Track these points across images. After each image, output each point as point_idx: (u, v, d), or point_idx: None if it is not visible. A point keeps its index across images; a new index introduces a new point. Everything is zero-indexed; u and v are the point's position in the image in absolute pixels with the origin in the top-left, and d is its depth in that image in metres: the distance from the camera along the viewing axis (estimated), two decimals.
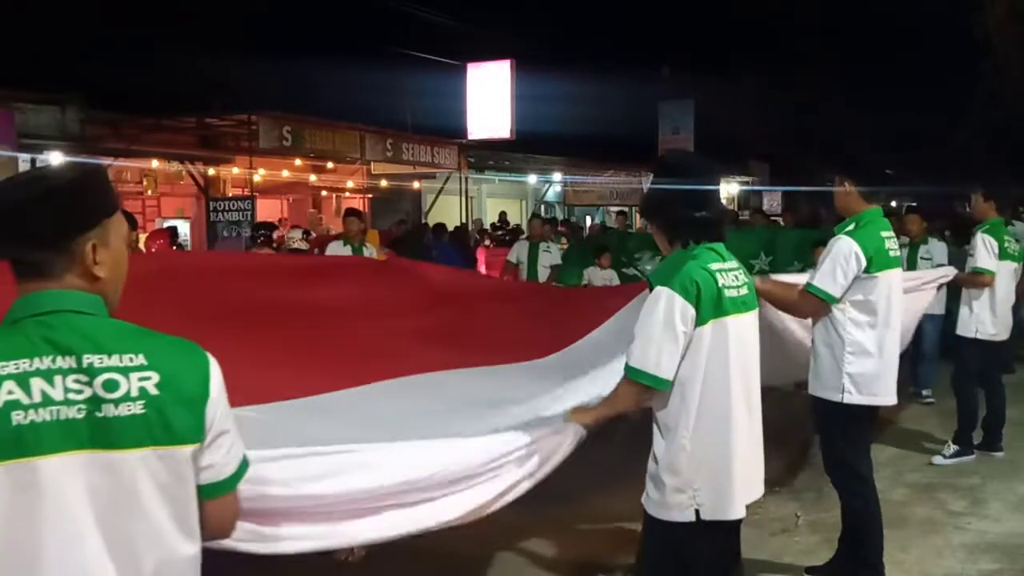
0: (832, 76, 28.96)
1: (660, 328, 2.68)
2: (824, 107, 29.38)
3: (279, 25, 20.54)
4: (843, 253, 3.82)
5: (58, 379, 1.52)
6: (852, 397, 3.90)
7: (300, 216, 18.61)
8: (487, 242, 16.15)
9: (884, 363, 3.93)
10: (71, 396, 1.52)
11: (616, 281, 9.84)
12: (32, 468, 1.48)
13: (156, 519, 1.58)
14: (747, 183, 28.70)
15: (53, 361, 1.52)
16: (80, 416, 1.52)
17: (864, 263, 3.82)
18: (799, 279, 4.11)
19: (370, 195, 20.63)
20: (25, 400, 1.49)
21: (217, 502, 1.71)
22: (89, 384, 1.53)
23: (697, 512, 2.75)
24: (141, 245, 10.72)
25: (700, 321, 2.70)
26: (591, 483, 5.54)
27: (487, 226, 19.95)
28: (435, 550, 4.58)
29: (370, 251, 8.82)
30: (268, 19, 20.19)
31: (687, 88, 26.38)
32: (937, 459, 6.20)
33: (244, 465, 1.77)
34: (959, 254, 8.49)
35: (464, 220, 19.09)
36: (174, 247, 10.61)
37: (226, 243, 12.54)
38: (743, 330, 2.84)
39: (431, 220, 17.56)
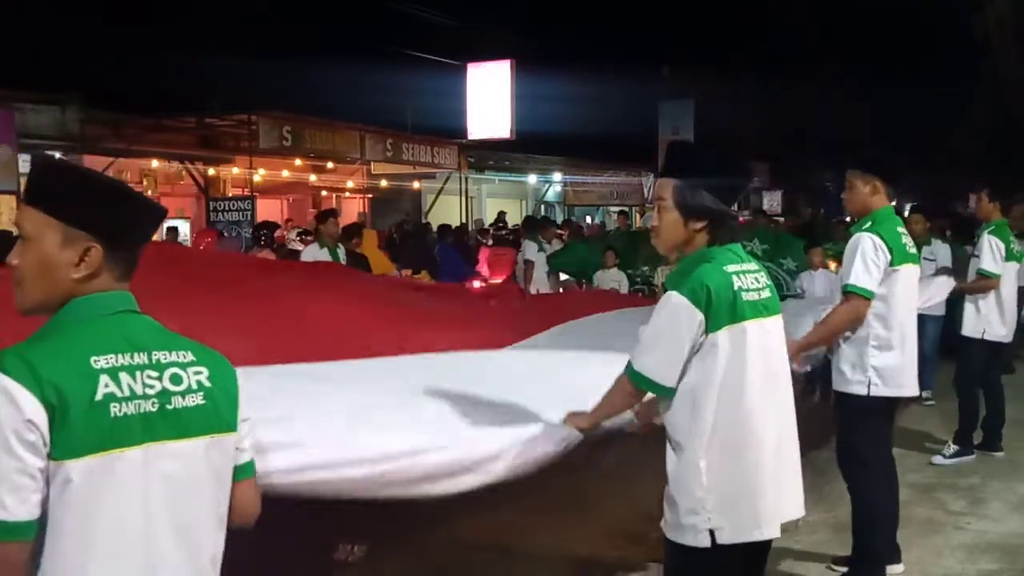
0: (832, 76, 28.96)
1: (664, 333, 2.56)
2: (824, 107, 29.38)
3: (279, 25, 20.54)
4: (870, 248, 3.90)
5: (138, 374, 1.63)
6: (879, 390, 3.98)
7: (300, 216, 18.61)
8: (488, 241, 16.11)
9: (906, 355, 4.04)
10: (147, 391, 1.63)
11: (625, 283, 9.80)
12: (121, 459, 1.58)
13: (211, 504, 1.72)
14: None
15: (131, 357, 1.63)
16: (154, 409, 1.63)
17: (889, 257, 3.91)
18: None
19: (370, 195, 20.64)
20: (118, 393, 1.59)
21: (245, 483, 1.84)
22: (159, 379, 1.66)
23: (713, 535, 2.54)
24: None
25: (713, 327, 2.52)
26: (594, 483, 5.55)
27: (487, 226, 19.93)
28: (435, 549, 4.59)
29: (342, 252, 8.71)
30: (268, 19, 20.18)
31: (687, 88, 26.39)
32: (937, 459, 6.20)
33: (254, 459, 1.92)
34: (962, 255, 8.51)
35: (464, 220, 19.09)
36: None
37: (225, 243, 12.54)
38: (766, 336, 2.64)
39: (431, 220, 17.57)
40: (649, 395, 2.72)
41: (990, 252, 6.04)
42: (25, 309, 1.68)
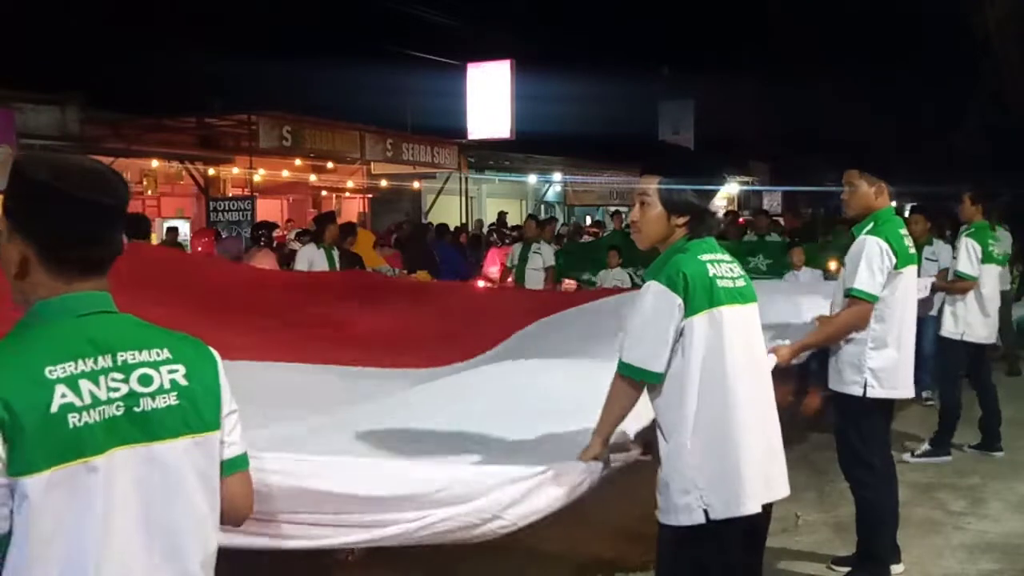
0: (832, 76, 28.95)
1: (648, 321, 2.66)
2: (824, 107, 29.36)
3: (279, 25, 20.55)
4: (875, 252, 3.90)
5: (102, 379, 1.55)
6: (874, 391, 3.98)
7: (300, 216, 18.61)
8: (503, 241, 15.98)
9: (902, 356, 4.04)
10: (112, 395, 1.55)
11: (628, 282, 9.82)
12: (88, 468, 1.51)
13: (198, 508, 1.65)
14: (747, 183, 28.70)
15: (95, 362, 1.55)
16: (120, 413, 1.56)
17: (894, 260, 3.91)
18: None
19: (370, 195, 20.63)
20: (78, 402, 1.51)
21: (235, 478, 1.76)
22: (126, 381, 1.58)
23: (706, 512, 2.66)
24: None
25: (691, 311, 2.64)
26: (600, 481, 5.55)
27: (488, 226, 19.87)
28: (434, 549, 4.59)
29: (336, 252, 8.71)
30: (268, 19, 20.19)
31: (687, 88, 26.40)
32: (906, 456, 6.19)
33: (246, 452, 1.83)
34: None
35: (464, 220, 19.08)
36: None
37: (226, 243, 12.53)
38: (744, 321, 2.77)
39: (432, 220, 17.54)
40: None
41: (967, 254, 6.12)
42: (14, 302, 1.65)
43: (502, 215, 20.64)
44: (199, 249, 9.17)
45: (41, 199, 1.58)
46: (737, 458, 2.68)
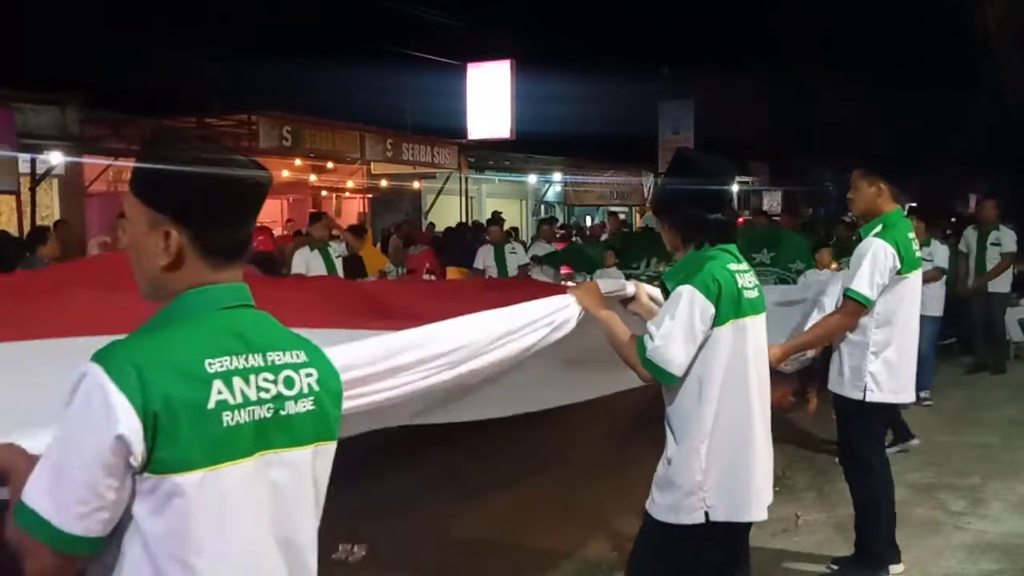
0: (832, 76, 28.96)
1: (681, 325, 2.67)
2: (823, 107, 29.37)
3: (279, 25, 20.55)
4: (880, 256, 3.89)
5: (252, 378, 1.48)
6: (874, 395, 3.99)
7: (300, 216, 18.60)
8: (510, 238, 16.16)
9: (903, 361, 4.04)
10: (262, 395, 1.48)
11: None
12: (235, 471, 1.44)
13: (311, 518, 1.58)
14: (747, 183, 28.68)
15: (246, 360, 1.48)
16: (269, 415, 1.49)
17: (899, 265, 3.91)
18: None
19: (370, 195, 20.64)
20: (231, 400, 1.44)
21: None
22: (274, 382, 1.51)
23: (706, 514, 2.72)
24: None
25: (719, 321, 2.69)
26: (593, 483, 5.55)
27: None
28: (434, 548, 4.60)
29: (337, 250, 8.59)
30: (268, 19, 20.19)
31: (687, 88, 26.37)
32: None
33: None
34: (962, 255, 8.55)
35: (464, 220, 19.09)
36: None
37: None
38: (758, 332, 2.84)
39: (432, 220, 17.56)
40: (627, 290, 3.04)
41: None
42: (141, 294, 1.57)
43: (496, 215, 20.60)
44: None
45: (193, 176, 1.50)
46: (751, 466, 2.76)
